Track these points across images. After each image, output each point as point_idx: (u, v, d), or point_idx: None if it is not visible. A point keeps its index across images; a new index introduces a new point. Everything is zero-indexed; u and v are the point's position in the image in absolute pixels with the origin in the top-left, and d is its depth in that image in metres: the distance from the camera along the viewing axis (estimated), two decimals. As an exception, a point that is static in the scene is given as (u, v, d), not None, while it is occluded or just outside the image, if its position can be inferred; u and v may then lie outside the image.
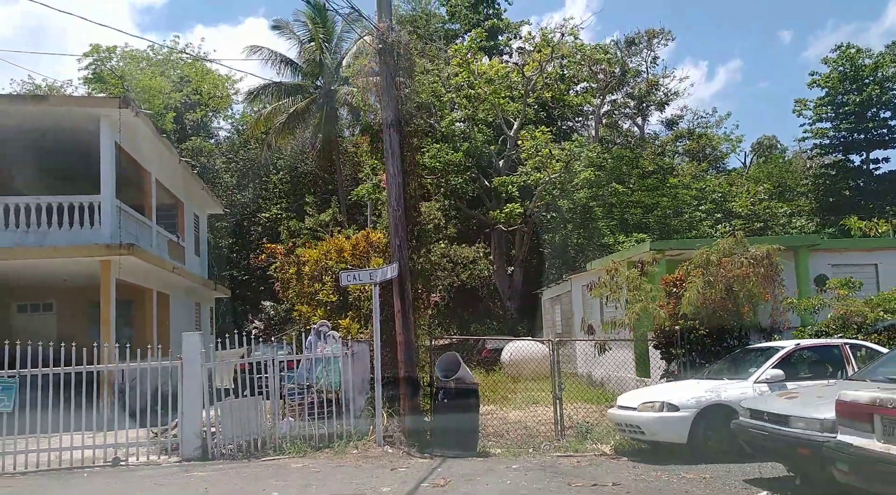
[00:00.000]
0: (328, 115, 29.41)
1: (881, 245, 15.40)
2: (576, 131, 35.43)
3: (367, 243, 13.73)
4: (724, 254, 10.86)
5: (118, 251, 13.41)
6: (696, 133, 38.77)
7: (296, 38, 30.35)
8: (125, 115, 13.42)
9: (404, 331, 10.47)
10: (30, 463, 9.69)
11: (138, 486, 8.44)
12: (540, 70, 26.91)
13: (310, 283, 13.74)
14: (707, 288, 10.46)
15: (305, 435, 10.36)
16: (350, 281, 10.87)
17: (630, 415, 9.47)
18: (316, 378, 11.01)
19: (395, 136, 10.48)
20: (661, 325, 11.07)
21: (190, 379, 10.25)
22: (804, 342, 9.79)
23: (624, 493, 7.26)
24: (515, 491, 7.49)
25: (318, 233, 19.33)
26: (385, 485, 7.83)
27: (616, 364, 14.24)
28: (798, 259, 14.31)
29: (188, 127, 33.65)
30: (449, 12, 36.52)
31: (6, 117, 13.64)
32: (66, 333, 14.85)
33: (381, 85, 10.27)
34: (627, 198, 29.65)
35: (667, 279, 11.47)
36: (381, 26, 10.17)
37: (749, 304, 10.95)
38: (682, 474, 8.06)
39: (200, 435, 10.22)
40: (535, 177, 25.01)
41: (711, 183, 34.23)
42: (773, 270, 10.78)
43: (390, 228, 10.67)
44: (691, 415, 8.85)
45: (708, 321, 10.83)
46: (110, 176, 13.85)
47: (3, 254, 13.11)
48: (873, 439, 5.54)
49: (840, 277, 13.69)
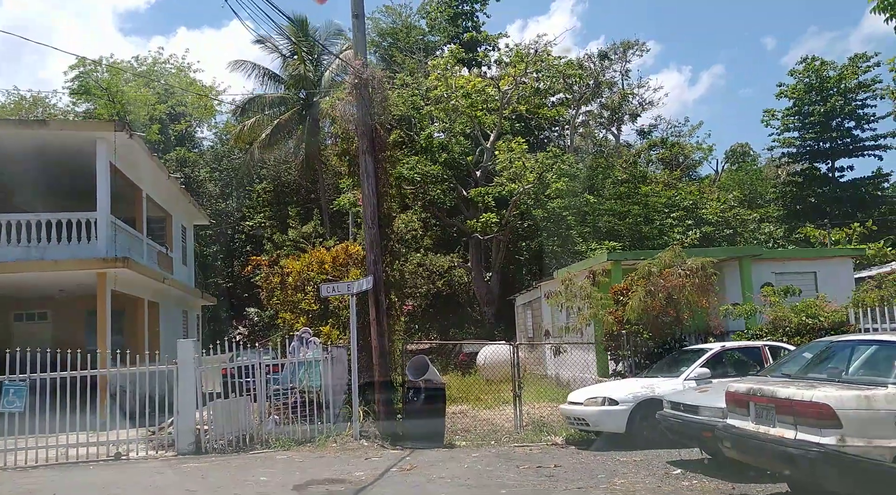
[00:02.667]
0: (311, 126, 30.72)
1: (819, 255, 16.98)
2: (552, 141, 36.92)
3: (346, 255, 15.05)
4: (664, 266, 12.30)
5: (114, 264, 14.62)
6: (669, 142, 40.44)
7: (278, 52, 31.66)
8: (120, 137, 14.65)
9: (378, 337, 11.81)
10: (39, 458, 10.86)
11: (143, 475, 9.71)
12: (515, 84, 28.35)
13: (293, 293, 15.02)
14: (648, 297, 11.90)
15: (289, 432, 11.66)
16: (330, 292, 12.20)
17: (577, 410, 10.87)
18: (299, 380, 12.30)
19: (370, 161, 11.83)
20: (609, 330, 12.49)
21: (185, 382, 11.51)
22: (729, 344, 11.24)
23: (561, 472, 8.65)
24: (469, 473, 8.87)
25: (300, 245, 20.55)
26: (359, 471, 9.17)
27: (580, 366, 15.64)
28: (742, 268, 15.82)
29: (173, 137, 34.75)
30: (429, 25, 37.94)
31: (11, 140, 14.85)
32: (60, 340, 16.05)
33: (357, 116, 11.63)
34: (600, 207, 31.17)
35: (615, 288, 12.91)
36: (357, 64, 11.53)
37: (689, 310, 12.40)
38: (618, 458, 9.47)
39: (194, 431, 11.48)
40: (509, 187, 26.41)
41: (683, 191, 35.85)
42: (706, 280, 12.23)
43: (366, 244, 12.01)
44: (628, 409, 10.27)
45: (651, 326, 12.27)
46: (105, 194, 15.05)
47: (9, 267, 14.30)
48: (748, 421, 6.96)
49: (784, 284, 15.20)
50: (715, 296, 12.77)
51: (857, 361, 6.85)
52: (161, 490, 8.69)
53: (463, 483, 8.32)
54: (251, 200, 34.55)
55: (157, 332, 18.67)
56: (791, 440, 6.28)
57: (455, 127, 28.61)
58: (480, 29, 37.98)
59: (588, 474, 8.54)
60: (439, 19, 37.00)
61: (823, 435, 6.03)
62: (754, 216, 36.77)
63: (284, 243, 22.26)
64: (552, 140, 37.62)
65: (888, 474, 5.87)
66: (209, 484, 8.80)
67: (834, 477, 6.05)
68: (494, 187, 26.87)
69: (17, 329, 18.71)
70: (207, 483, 8.92)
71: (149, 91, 34.47)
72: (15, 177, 15.86)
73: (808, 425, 6.18)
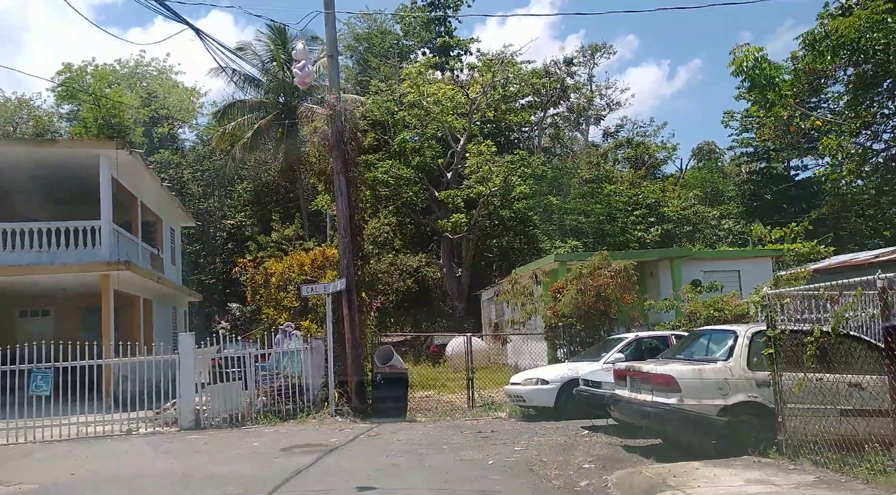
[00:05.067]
0: (289, 130, 32.86)
1: (742, 255, 19.59)
2: (522, 142, 39.39)
3: (323, 258, 17.36)
4: (594, 268, 14.77)
5: (116, 267, 16.82)
6: (634, 142, 43.07)
7: (258, 59, 33.71)
8: (122, 154, 16.83)
9: (351, 330, 14.16)
10: (62, 433, 13.07)
11: (155, 444, 11.99)
12: (483, 92, 30.72)
13: (276, 291, 17.33)
14: (579, 294, 14.36)
15: (275, 410, 13.99)
16: (309, 292, 14.54)
17: (517, 389, 13.33)
18: (283, 367, 14.64)
19: (344, 181, 14.15)
20: (549, 323, 14.96)
21: (185, 368, 13.80)
22: (643, 334, 13.73)
23: (495, 436, 11.09)
24: (423, 437, 11.28)
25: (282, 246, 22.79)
26: (333, 438, 11.54)
27: (534, 355, 18.13)
28: (673, 267, 18.37)
29: (156, 140, 36.70)
30: (403, 30, 40.18)
31: (24, 157, 16.99)
32: (61, 335, 18.11)
33: (332, 142, 13.93)
34: (565, 206, 33.72)
35: (553, 287, 15.38)
36: (331, 98, 13.83)
37: (616, 306, 14.89)
38: (544, 425, 11.93)
39: (194, 411, 13.77)
40: (477, 189, 28.82)
41: (646, 189, 38.46)
42: (628, 280, 14.71)
43: (340, 251, 14.34)
44: (556, 387, 12.73)
45: (583, 319, 14.75)
46: (108, 204, 17.22)
47: (22, 270, 16.45)
48: (626, 390, 9.43)
49: (710, 281, 17.77)
50: (635, 293, 15.26)
51: (702, 345, 9.37)
52: (173, 453, 10.97)
53: (416, 442, 10.73)
54: (232, 200, 36.64)
55: (151, 327, 20.87)
56: (649, 401, 8.77)
57: (427, 131, 30.93)
58: (453, 34, 40.31)
59: (515, 435, 11.00)
60: (413, 24, 39.26)
61: (669, 398, 8.51)
62: (714, 213, 39.55)
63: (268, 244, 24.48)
64: (521, 141, 40.09)
65: (712, 423, 8.36)
66: (212, 449, 11.11)
67: (676, 426, 8.56)
68: (463, 190, 29.25)
69: (20, 324, 20.82)
70: (210, 448, 11.23)
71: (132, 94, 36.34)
72: (27, 188, 18.00)
73: (659, 391, 8.66)
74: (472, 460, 9.20)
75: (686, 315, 15.24)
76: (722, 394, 8.42)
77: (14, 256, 16.57)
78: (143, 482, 8.74)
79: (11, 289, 18.33)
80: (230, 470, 8.99)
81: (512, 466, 8.72)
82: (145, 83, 39.41)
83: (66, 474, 9.44)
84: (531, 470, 8.49)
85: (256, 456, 10.19)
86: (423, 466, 8.90)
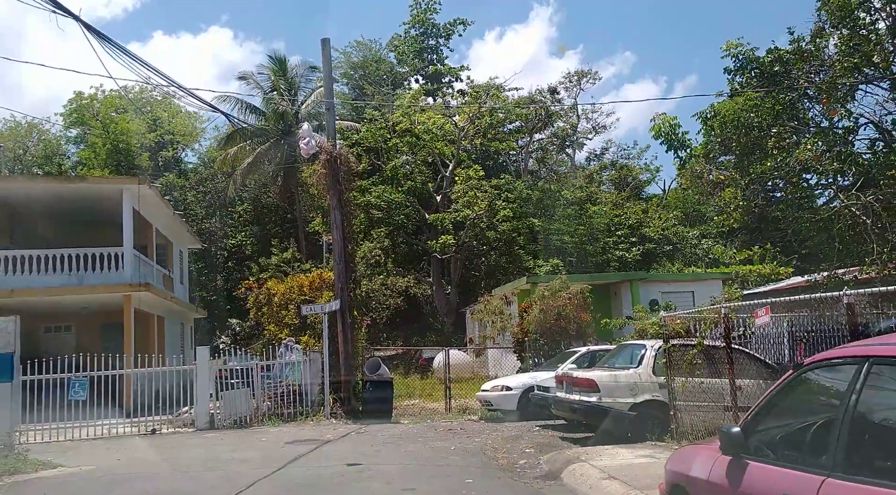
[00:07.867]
0: (288, 154, 35.60)
1: (695, 277, 22.27)
2: (509, 165, 42.20)
3: (321, 280, 20.03)
4: (555, 290, 17.42)
5: (137, 288, 19.46)
6: (618, 164, 45.89)
7: (260, 88, 36.56)
8: (143, 189, 19.52)
9: (344, 344, 16.78)
10: (93, 434, 15.59)
11: (177, 440, 14.57)
12: (470, 120, 33.56)
13: (278, 310, 19.98)
14: (541, 313, 17.00)
15: (279, 413, 16.56)
16: (308, 311, 17.18)
17: (485, 395, 15.95)
18: (285, 376, 17.24)
19: (339, 215, 16.82)
20: (516, 338, 17.60)
21: (202, 377, 16.39)
22: (593, 347, 16.31)
23: (462, 432, 13.69)
24: (403, 433, 13.89)
25: (282, 268, 25.54)
26: (328, 434, 14.12)
27: (510, 367, 20.76)
28: (633, 288, 21.03)
29: (161, 163, 39.46)
30: (397, 58, 43.11)
31: (55, 192, 19.70)
32: (82, 348, 20.73)
33: (329, 183, 16.62)
34: (549, 227, 36.45)
35: (521, 306, 18.04)
36: (328, 145, 16.54)
37: (575, 324, 17.53)
38: (506, 425, 14.53)
39: (208, 413, 16.35)
40: (464, 213, 31.54)
41: (629, 210, 41.12)
42: (583, 302, 17.36)
43: (335, 275, 17.00)
44: (518, 393, 15.33)
45: (546, 335, 17.39)
46: (129, 232, 19.89)
47: (54, 292, 19.08)
48: (563, 392, 12.06)
49: (667, 301, 20.42)
50: (590, 312, 17.91)
51: (622, 355, 12.03)
52: (198, 445, 13.54)
53: (397, 436, 13.33)
54: (233, 220, 39.34)
55: (164, 341, 23.48)
56: (577, 400, 11.41)
57: (418, 157, 33.73)
58: (444, 61, 43.28)
59: (479, 432, 13.61)
60: (406, 53, 42.17)
61: (591, 397, 11.15)
62: (695, 233, 42.20)
63: (269, 266, 27.24)
64: (509, 164, 42.90)
65: (625, 416, 10.99)
66: (229, 443, 13.68)
67: (596, 418, 11.18)
68: (451, 213, 31.97)
69: (45, 339, 23.38)
70: (227, 442, 13.80)
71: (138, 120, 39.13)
72: (58, 218, 20.70)
73: (583, 392, 11.30)
74: (439, 447, 11.81)
75: (636, 331, 17.86)
76: (632, 394, 11.06)
77: (46, 279, 19.21)
78: (184, 460, 11.34)
79: (41, 308, 20.94)
80: (248, 455, 11.60)
81: (469, 451, 11.34)
82: (149, 108, 42.18)
83: (114, 459, 12.02)
84: (484, 453, 11.11)
85: (266, 446, 12.79)
86: (399, 452, 11.52)
